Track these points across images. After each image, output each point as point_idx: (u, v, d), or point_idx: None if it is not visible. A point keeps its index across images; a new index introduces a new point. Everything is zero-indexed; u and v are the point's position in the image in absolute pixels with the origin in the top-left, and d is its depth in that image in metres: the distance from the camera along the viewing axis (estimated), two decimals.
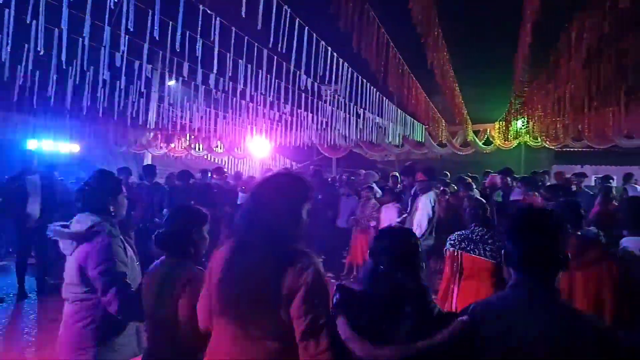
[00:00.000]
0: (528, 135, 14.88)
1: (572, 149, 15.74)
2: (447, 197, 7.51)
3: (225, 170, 7.90)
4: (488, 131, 15.84)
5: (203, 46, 7.09)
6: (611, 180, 8.26)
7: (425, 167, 6.26)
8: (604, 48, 8.26)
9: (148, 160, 15.86)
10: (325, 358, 1.74)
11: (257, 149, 16.35)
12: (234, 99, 10.96)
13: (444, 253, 4.16)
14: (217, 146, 16.80)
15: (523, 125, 14.98)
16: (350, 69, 9.65)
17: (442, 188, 7.87)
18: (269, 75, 9.07)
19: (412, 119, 14.80)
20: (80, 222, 2.60)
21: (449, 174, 10.07)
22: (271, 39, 6.93)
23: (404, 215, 6.36)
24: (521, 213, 1.88)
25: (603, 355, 1.55)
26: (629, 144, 13.28)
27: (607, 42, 8.07)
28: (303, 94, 11.01)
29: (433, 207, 5.74)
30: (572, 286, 2.86)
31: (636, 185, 8.23)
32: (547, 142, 14.46)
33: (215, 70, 7.41)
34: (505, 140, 15.39)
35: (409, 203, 6.23)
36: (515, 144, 15.45)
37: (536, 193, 6.73)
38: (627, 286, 2.75)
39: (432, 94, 14.44)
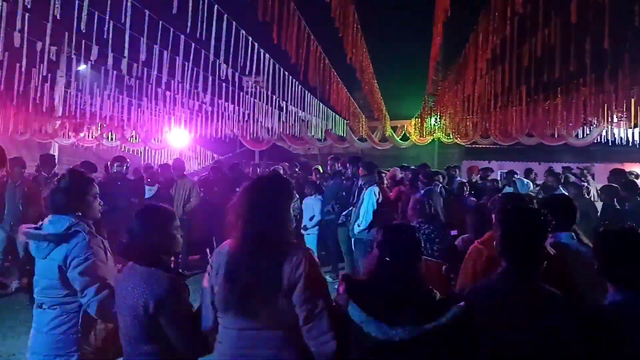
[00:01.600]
0: (441, 132, 15.72)
1: (480, 146, 16.84)
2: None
3: (128, 160, 7.23)
4: (405, 127, 16.53)
5: (113, 28, 6.70)
6: (516, 175, 9.08)
7: (365, 163, 6.65)
8: (506, 51, 8.90)
9: (55, 151, 14.74)
10: (328, 338, 1.95)
11: (176, 140, 15.77)
12: (149, 87, 10.49)
13: None
14: (132, 136, 15.96)
15: (436, 122, 15.80)
16: (272, 60, 9.60)
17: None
18: (186, 63, 8.78)
19: (334, 114, 15.05)
20: (54, 224, 2.52)
21: None
22: (189, 25, 6.71)
23: (350, 208, 6.57)
24: (516, 210, 2.20)
25: (580, 333, 1.87)
26: (529, 141, 14.52)
27: (510, 45, 8.69)
28: (224, 84, 10.79)
29: (377, 200, 6.03)
30: None
31: (522, 178, 9.13)
32: (458, 139, 15.38)
33: (126, 55, 7.04)
34: (420, 136, 16.15)
35: (355, 195, 6.48)
36: (430, 140, 16.26)
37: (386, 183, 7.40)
38: (562, 280, 2.82)
39: (352, 89, 14.76)
